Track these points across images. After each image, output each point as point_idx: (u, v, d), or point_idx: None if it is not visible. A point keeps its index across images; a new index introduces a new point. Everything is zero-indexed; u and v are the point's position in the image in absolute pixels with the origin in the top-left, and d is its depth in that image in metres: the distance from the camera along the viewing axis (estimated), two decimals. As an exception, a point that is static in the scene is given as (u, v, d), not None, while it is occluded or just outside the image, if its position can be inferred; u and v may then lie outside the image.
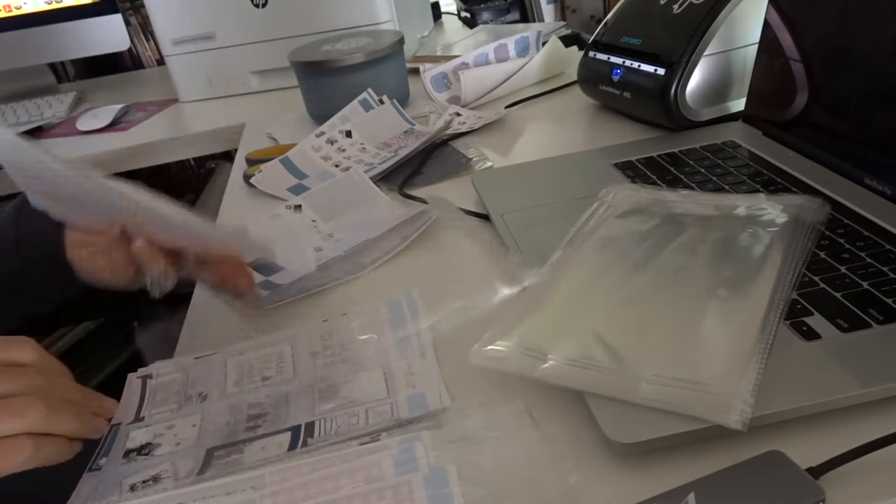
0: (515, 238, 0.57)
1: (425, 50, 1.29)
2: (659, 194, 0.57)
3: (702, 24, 0.69)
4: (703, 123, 0.73)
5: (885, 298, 0.42)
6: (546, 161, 0.73)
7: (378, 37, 0.98)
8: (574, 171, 0.69)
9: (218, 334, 0.55)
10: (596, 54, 0.82)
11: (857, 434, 0.34)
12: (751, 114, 0.70)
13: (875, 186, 0.53)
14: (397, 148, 0.82)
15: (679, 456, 0.36)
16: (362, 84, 0.93)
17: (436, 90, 0.99)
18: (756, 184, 0.58)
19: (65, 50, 1.42)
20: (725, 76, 0.72)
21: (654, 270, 0.47)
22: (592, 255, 0.50)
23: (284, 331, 0.53)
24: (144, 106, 1.32)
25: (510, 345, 0.42)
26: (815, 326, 0.40)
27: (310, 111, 1.00)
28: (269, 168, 0.81)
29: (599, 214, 0.55)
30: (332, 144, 0.84)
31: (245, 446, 0.42)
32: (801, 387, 0.36)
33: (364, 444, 0.39)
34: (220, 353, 0.51)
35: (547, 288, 0.48)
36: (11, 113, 1.33)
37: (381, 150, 0.84)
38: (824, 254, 0.47)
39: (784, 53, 0.62)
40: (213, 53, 1.23)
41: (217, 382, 0.49)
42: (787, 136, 0.63)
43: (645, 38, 0.76)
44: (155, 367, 0.51)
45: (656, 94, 0.72)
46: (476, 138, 0.85)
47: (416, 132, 0.87)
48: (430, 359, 0.47)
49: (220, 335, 0.55)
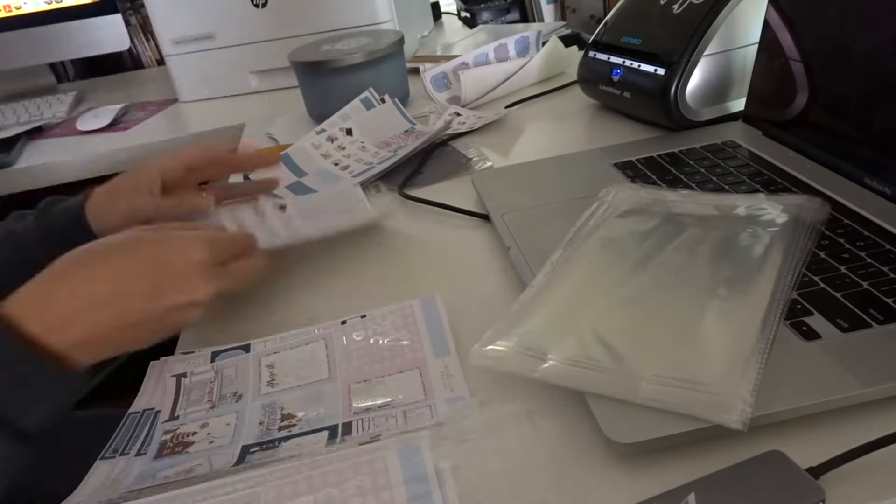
0: (515, 238, 0.57)
1: (425, 50, 1.29)
2: (658, 194, 0.57)
3: (702, 24, 0.69)
4: (703, 123, 0.73)
5: (885, 298, 0.41)
6: (546, 161, 0.73)
7: (378, 37, 0.98)
8: (574, 171, 0.69)
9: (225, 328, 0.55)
10: (596, 54, 0.82)
11: (857, 434, 0.34)
12: (751, 114, 0.70)
13: (875, 186, 0.53)
14: (397, 147, 0.82)
15: (679, 455, 0.36)
16: (362, 84, 0.93)
17: (436, 90, 0.99)
18: (756, 184, 0.58)
19: (65, 50, 1.42)
20: (725, 76, 0.72)
21: (654, 270, 0.47)
22: (592, 255, 0.50)
23: (318, 329, 0.52)
24: (144, 106, 1.31)
25: (510, 345, 0.42)
26: (815, 326, 0.40)
27: (310, 111, 1.00)
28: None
29: (599, 214, 0.55)
30: (333, 142, 0.84)
31: (280, 444, 0.43)
32: (801, 387, 0.36)
33: (364, 445, 0.39)
34: (253, 353, 0.51)
35: (547, 288, 0.48)
36: (11, 113, 1.33)
37: (380, 150, 0.83)
38: (824, 254, 0.47)
39: (784, 53, 0.62)
40: (213, 53, 1.23)
41: (251, 382, 0.49)
42: (787, 136, 0.63)
43: (645, 37, 0.76)
44: (189, 364, 0.52)
45: (656, 93, 0.72)
46: (476, 138, 0.85)
47: (416, 132, 0.87)
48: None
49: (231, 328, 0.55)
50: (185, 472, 0.41)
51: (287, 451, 0.41)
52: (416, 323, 0.51)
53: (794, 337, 0.40)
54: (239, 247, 0.56)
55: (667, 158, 0.67)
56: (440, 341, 0.48)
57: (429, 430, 0.39)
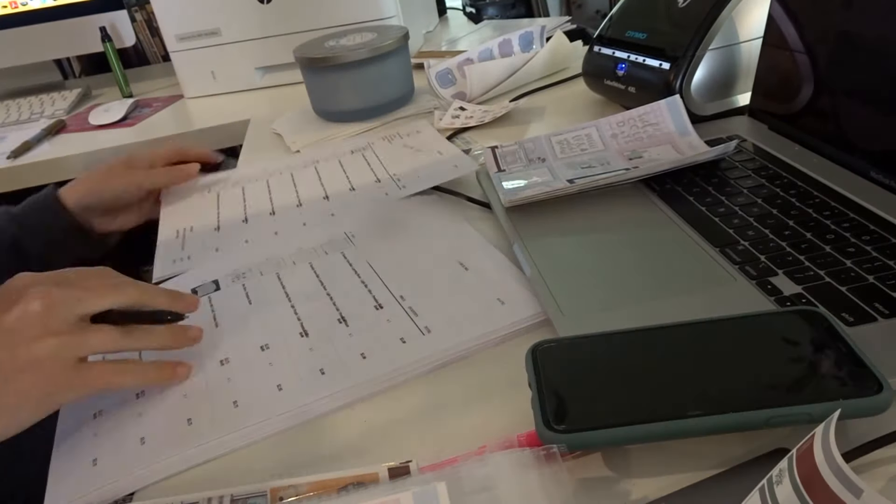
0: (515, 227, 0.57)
1: (430, 45, 1.29)
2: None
3: (707, 18, 0.69)
4: (708, 118, 0.73)
5: (890, 292, 0.41)
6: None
7: (383, 32, 0.98)
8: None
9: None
10: (601, 49, 0.82)
11: (858, 432, 0.34)
12: (756, 108, 0.69)
13: (881, 180, 0.52)
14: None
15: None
16: (367, 80, 0.93)
17: (441, 86, 0.99)
18: (761, 178, 0.58)
19: (70, 46, 1.42)
20: (730, 70, 0.71)
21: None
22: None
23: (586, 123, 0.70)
24: (150, 102, 1.32)
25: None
26: (820, 320, 0.40)
27: (315, 107, 1.00)
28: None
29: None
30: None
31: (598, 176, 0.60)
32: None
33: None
34: (543, 135, 0.70)
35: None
36: (16, 109, 1.33)
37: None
38: (830, 248, 0.47)
39: (789, 46, 0.62)
40: (218, 49, 1.24)
41: (549, 150, 0.69)
42: (792, 129, 0.63)
43: (650, 32, 0.76)
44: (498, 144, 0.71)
45: (661, 88, 0.71)
46: (481, 133, 0.85)
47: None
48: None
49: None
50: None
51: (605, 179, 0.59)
52: (664, 116, 0.68)
53: (799, 331, 0.40)
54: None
55: (672, 153, 0.67)
56: (683, 127, 0.67)
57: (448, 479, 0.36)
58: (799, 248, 0.47)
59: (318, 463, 0.40)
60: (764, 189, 0.56)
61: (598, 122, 0.70)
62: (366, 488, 0.36)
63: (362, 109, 0.96)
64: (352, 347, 0.48)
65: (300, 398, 0.44)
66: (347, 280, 0.57)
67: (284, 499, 0.37)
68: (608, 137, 0.69)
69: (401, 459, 0.38)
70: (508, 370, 0.42)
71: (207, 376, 0.49)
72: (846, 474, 0.24)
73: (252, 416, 0.44)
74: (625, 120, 0.69)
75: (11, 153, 1.11)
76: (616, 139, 0.68)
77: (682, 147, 0.64)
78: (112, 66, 1.37)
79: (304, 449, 0.42)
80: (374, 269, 0.58)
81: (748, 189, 0.57)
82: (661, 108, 0.68)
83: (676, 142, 0.66)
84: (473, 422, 0.41)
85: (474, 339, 0.47)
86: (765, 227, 0.51)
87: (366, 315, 0.52)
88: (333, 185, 0.77)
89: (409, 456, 0.38)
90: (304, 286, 0.58)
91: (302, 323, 0.52)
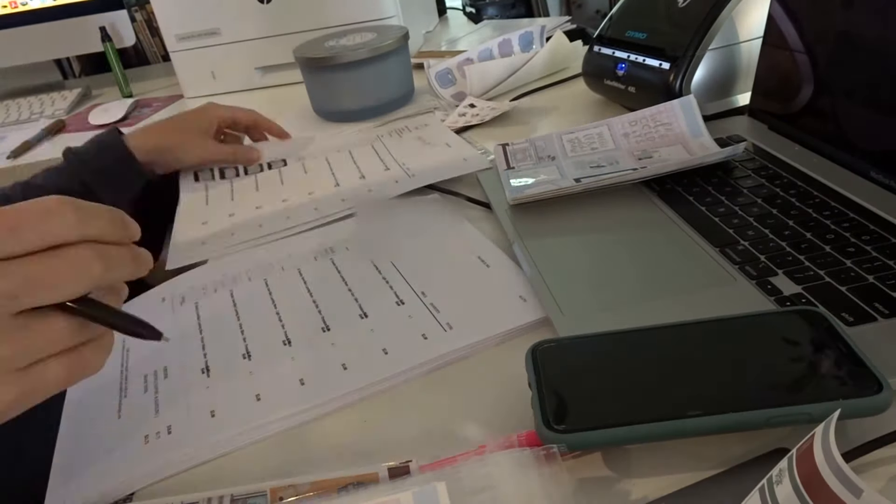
0: (515, 226, 0.57)
1: (430, 45, 1.29)
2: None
3: (707, 18, 0.69)
4: (708, 118, 0.72)
5: (890, 292, 0.41)
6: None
7: (383, 32, 0.98)
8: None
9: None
10: (601, 48, 0.82)
11: (858, 432, 0.34)
12: (756, 108, 0.69)
13: (881, 180, 0.52)
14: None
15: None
16: (367, 80, 0.93)
17: (440, 86, 0.99)
18: (761, 178, 0.58)
19: (70, 46, 1.43)
20: (730, 70, 0.71)
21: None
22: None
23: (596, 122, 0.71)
24: (150, 101, 1.32)
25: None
26: (820, 320, 0.40)
27: (315, 107, 1.00)
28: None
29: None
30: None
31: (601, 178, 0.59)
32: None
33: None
34: (555, 132, 0.71)
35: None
36: (16, 108, 1.33)
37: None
38: (829, 248, 0.47)
39: (789, 46, 0.62)
40: (218, 49, 1.24)
41: (559, 148, 0.69)
42: (792, 129, 0.63)
43: (650, 32, 0.76)
44: (512, 145, 0.71)
45: (661, 88, 0.72)
46: (481, 132, 0.85)
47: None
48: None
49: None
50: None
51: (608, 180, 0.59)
52: (676, 117, 0.67)
53: (799, 331, 0.40)
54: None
55: (672, 153, 0.67)
56: (695, 125, 0.67)
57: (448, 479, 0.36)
58: (799, 247, 0.47)
59: (318, 463, 0.40)
60: (764, 189, 0.56)
61: (611, 121, 0.70)
62: (366, 488, 0.36)
63: (362, 109, 0.96)
64: (373, 343, 0.49)
65: (324, 393, 0.45)
66: (365, 277, 0.58)
67: (284, 499, 0.37)
68: (619, 136, 0.69)
69: (401, 459, 0.38)
70: (508, 370, 0.42)
71: (232, 371, 0.49)
72: (846, 474, 0.24)
73: (274, 411, 0.44)
74: (637, 119, 0.69)
75: (11, 153, 1.11)
76: (627, 138, 0.68)
77: (694, 148, 0.64)
78: (112, 66, 1.37)
79: (305, 449, 0.42)
80: (377, 268, 0.58)
81: (748, 189, 0.57)
82: (675, 108, 0.68)
83: (688, 142, 0.65)
84: (473, 421, 0.41)
85: (492, 337, 0.47)
86: (765, 227, 0.51)
87: (385, 311, 0.52)
88: (343, 174, 0.78)
89: (408, 456, 0.38)
90: (323, 278, 0.59)
91: (323, 318, 0.53)
